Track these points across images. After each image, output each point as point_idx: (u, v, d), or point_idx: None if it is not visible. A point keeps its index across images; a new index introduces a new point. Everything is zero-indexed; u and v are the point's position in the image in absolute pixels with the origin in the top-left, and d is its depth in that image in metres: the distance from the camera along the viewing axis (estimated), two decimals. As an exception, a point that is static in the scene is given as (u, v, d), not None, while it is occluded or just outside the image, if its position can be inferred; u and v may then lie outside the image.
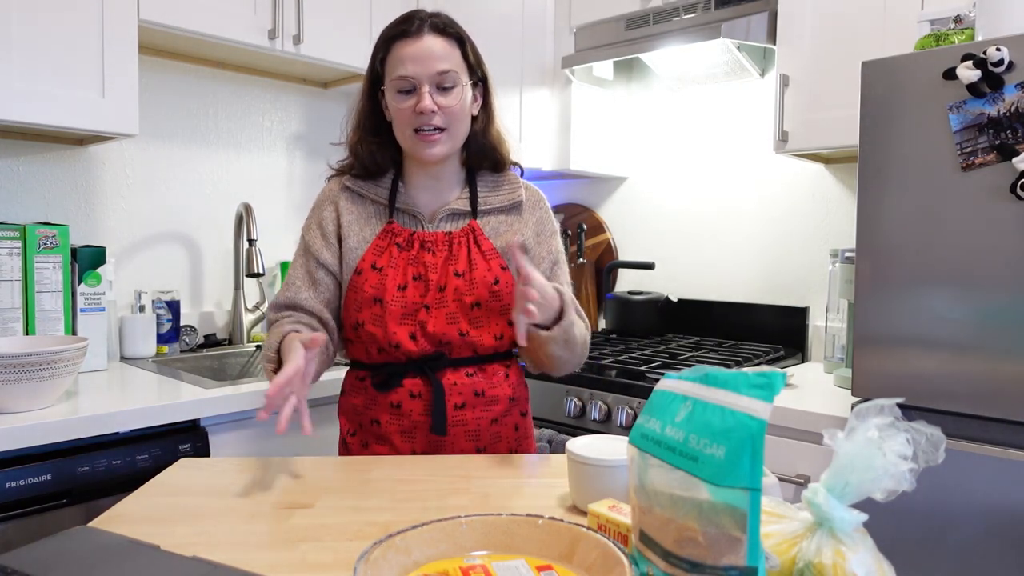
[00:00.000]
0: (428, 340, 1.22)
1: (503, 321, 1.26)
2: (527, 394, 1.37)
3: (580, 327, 1.25)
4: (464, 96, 1.23)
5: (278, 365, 1.17)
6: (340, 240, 1.28)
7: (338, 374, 1.79)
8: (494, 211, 1.30)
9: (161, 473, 1.08)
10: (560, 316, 1.17)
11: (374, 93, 1.28)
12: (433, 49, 1.20)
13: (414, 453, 1.24)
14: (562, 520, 0.78)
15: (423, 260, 1.24)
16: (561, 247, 1.36)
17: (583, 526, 0.76)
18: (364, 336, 1.24)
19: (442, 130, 1.22)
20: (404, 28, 1.21)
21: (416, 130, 1.21)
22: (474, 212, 1.28)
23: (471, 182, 1.31)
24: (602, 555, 0.71)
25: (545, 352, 1.20)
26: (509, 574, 0.74)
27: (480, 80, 1.28)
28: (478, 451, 1.26)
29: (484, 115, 1.30)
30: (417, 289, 1.23)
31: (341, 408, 1.34)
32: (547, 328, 1.16)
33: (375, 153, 1.28)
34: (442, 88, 1.21)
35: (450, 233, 1.26)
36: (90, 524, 0.84)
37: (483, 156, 1.31)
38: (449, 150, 1.24)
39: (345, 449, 1.32)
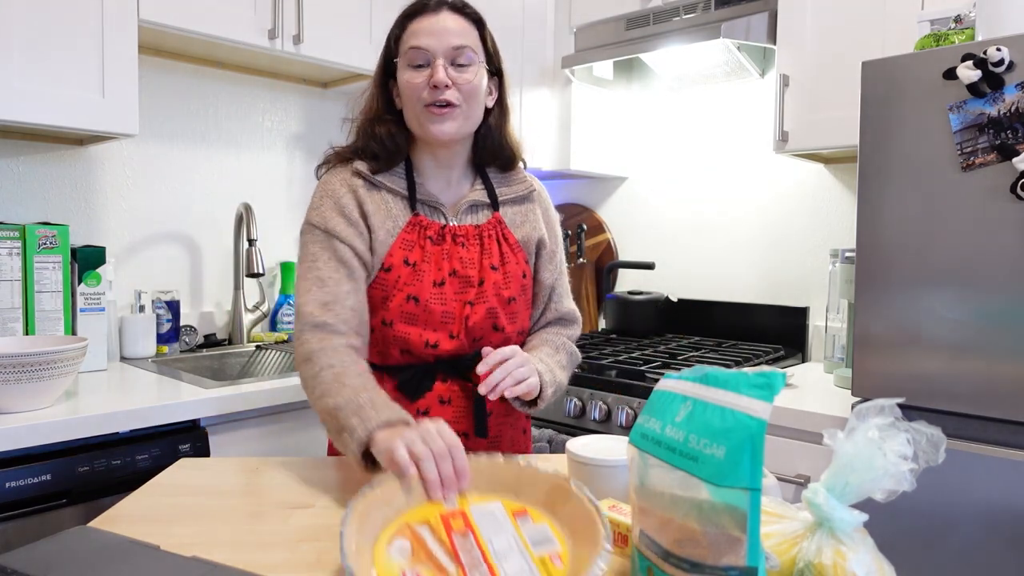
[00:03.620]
0: (468, 337, 1.17)
1: (527, 315, 1.27)
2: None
3: (562, 356, 1.26)
4: (480, 76, 1.16)
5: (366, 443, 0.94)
6: (369, 231, 1.17)
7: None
8: (510, 201, 1.27)
9: (161, 473, 1.08)
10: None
11: (386, 81, 1.22)
12: (450, 25, 1.15)
13: None
14: (537, 468, 0.81)
15: (457, 255, 1.18)
16: (561, 236, 1.34)
17: (564, 477, 0.79)
18: (389, 336, 1.16)
19: (455, 106, 1.14)
20: (423, 3, 1.17)
21: (427, 105, 1.14)
22: (495, 204, 1.24)
23: (483, 176, 1.27)
24: (582, 512, 0.75)
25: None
26: (486, 520, 0.75)
27: (495, 73, 1.22)
28: None
29: (499, 110, 1.24)
30: (453, 286, 1.17)
31: None
32: (533, 404, 1.18)
33: (385, 137, 1.18)
34: (457, 65, 1.14)
35: (479, 226, 1.22)
36: (90, 524, 0.84)
37: (495, 154, 1.25)
38: (459, 129, 1.16)
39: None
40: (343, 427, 0.97)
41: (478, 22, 1.19)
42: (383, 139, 1.19)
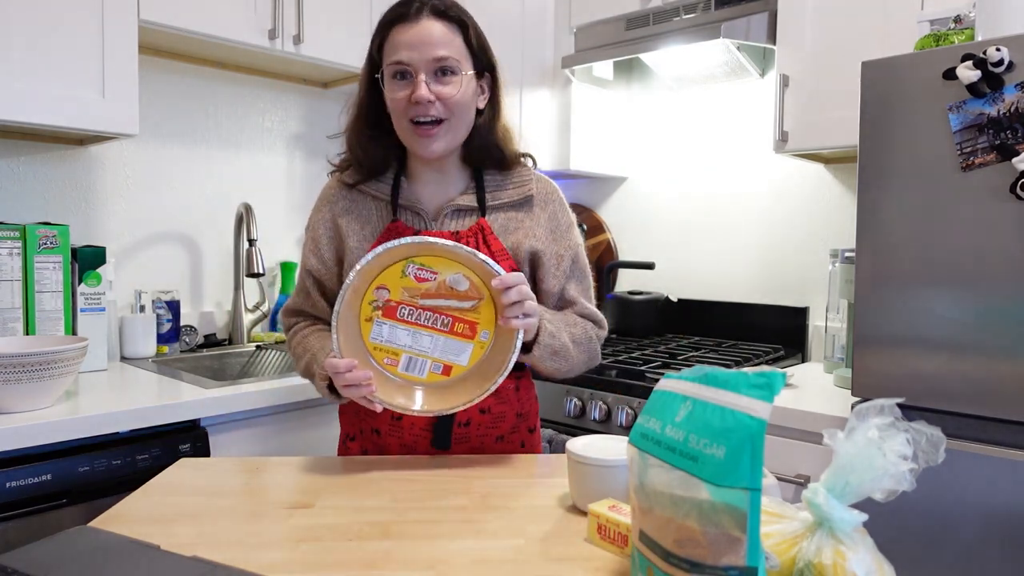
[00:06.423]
0: None
1: None
2: (536, 408, 1.31)
3: (576, 330, 1.20)
4: (465, 85, 1.14)
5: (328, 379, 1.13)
6: (340, 241, 1.23)
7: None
8: (503, 207, 1.22)
9: (161, 473, 1.08)
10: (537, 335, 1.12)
11: (373, 83, 1.19)
12: (432, 33, 1.11)
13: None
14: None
15: None
16: (579, 240, 1.28)
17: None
18: None
19: (440, 121, 1.13)
20: (402, 11, 1.13)
21: (413, 121, 1.13)
22: (482, 210, 1.21)
23: (477, 178, 1.23)
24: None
25: (537, 370, 1.19)
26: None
27: (487, 70, 1.19)
28: None
29: (490, 110, 1.21)
30: None
31: (341, 409, 1.31)
32: (527, 350, 1.13)
33: (371, 148, 1.20)
34: (441, 76, 1.13)
35: (457, 233, 1.18)
36: (90, 524, 0.84)
37: (486, 154, 1.22)
38: (448, 145, 1.17)
39: (346, 452, 1.30)
40: (312, 374, 1.18)
41: (461, 24, 1.16)
42: (360, 156, 1.21)
